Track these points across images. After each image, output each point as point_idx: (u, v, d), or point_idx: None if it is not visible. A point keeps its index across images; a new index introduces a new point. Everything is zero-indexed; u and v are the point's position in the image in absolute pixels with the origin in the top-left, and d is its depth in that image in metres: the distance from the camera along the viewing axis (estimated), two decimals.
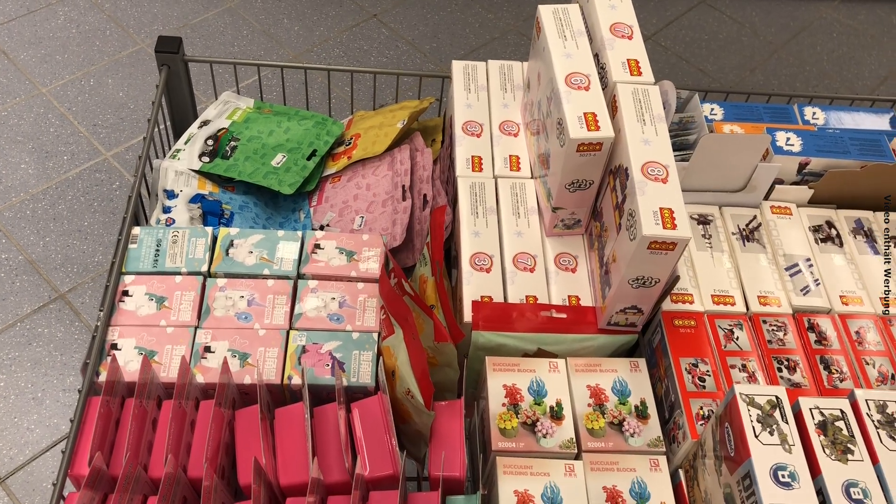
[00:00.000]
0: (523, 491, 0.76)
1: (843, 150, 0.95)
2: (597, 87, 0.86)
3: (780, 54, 2.70)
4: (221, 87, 2.19)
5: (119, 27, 2.47)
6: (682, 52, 2.67)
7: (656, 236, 0.75)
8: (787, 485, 0.64)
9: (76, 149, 2.12)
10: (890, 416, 0.69)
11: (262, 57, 2.44)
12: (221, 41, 2.48)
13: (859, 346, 0.85)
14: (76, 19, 2.46)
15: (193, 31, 2.50)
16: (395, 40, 2.55)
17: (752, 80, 2.62)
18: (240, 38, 2.50)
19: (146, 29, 2.48)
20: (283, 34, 2.53)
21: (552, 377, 0.84)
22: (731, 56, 2.67)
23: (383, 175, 1.04)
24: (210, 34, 2.50)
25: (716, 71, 2.63)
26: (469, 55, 2.48)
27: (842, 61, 2.70)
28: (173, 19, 2.53)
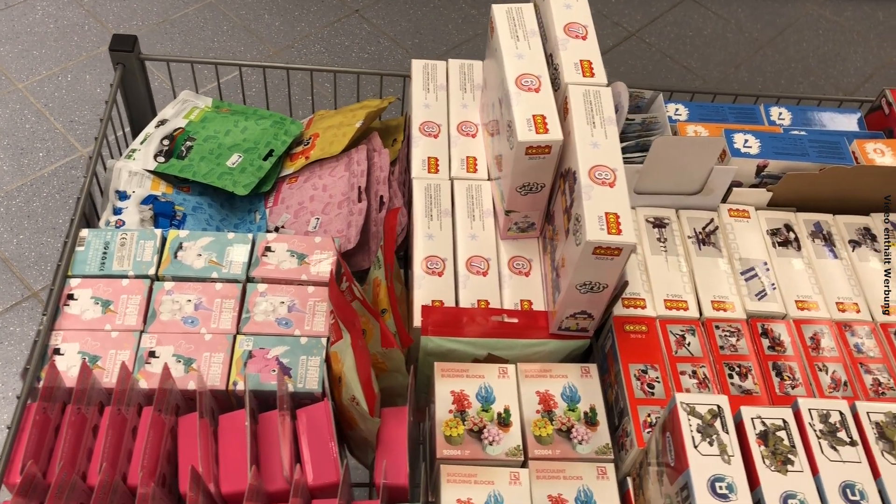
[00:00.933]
0: (466, 500, 0.75)
1: (801, 153, 0.94)
2: (547, 89, 0.84)
3: (766, 51, 2.69)
4: (202, 84, 2.17)
5: (98, 22, 2.46)
6: (667, 49, 2.66)
7: (601, 241, 0.74)
8: (724, 497, 0.63)
9: (52, 145, 2.11)
10: (833, 425, 0.68)
11: (242, 53, 2.42)
12: (201, 37, 2.46)
13: (813, 352, 0.84)
14: (54, 14, 2.44)
15: (173, 27, 2.48)
16: (377, 36, 2.53)
17: (737, 77, 2.60)
18: (220, 34, 2.48)
19: (125, 24, 2.46)
20: (264, 30, 2.51)
21: (501, 383, 0.83)
22: (716, 53, 2.66)
23: (340, 176, 1.03)
24: (190, 29, 2.48)
25: (700, 68, 2.62)
26: (451, 51, 2.46)
27: (827, 58, 2.69)
28: (153, 14, 2.51)
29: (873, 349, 0.85)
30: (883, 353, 0.85)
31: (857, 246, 0.93)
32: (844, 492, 0.64)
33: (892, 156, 0.95)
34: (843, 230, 0.95)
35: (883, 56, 2.72)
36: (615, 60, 2.61)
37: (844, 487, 0.64)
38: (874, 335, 0.86)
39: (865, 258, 0.92)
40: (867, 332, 0.86)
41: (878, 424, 0.68)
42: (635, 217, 0.93)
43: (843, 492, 0.64)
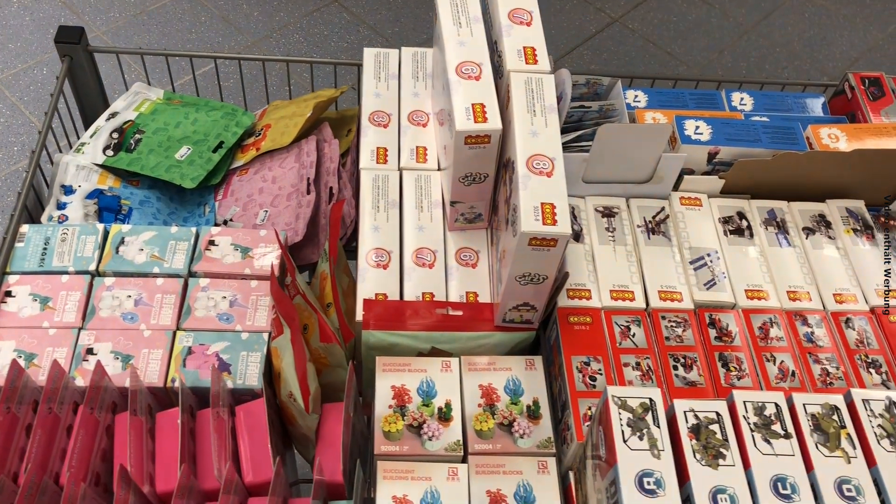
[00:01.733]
0: (402, 496, 0.74)
1: (753, 139, 0.92)
2: (488, 77, 0.83)
3: (750, 36, 2.66)
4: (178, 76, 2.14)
5: (74, 14, 2.44)
6: (650, 35, 2.63)
7: (536, 232, 0.72)
8: (651, 492, 0.62)
9: (27, 139, 2.09)
10: (768, 418, 0.66)
11: (220, 44, 2.40)
12: (179, 28, 2.44)
13: (762, 343, 0.82)
14: (30, 7, 2.42)
15: (150, 18, 2.46)
16: (356, 25, 2.51)
17: (721, 63, 2.58)
18: (197, 25, 2.46)
19: (102, 16, 2.45)
20: (242, 20, 2.49)
21: (444, 377, 0.82)
22: (700, 38, 2.63)
23: (290, 167, 1.01)
24: (167, 21, 2.46)
25: (683, 54, 2.59)
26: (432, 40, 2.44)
27: (813, 42, 2.66)
28: (130, 6, 2.49)
29: (823, 338, 0.83)
30: (833, 343, 0.83)
31: (810, 233, 0.92)
32: (776, 485, 0.63)
33: (846, 141, 0.94)
34: (798, 217, 0.93)
35: (869, 40, 2.69)
36: (598, 47, 2.58)
37: (776, 481, 0.63)
38: (825, 324, 0.84)
39: (819, 246, 0.91)
40: (818, 321, 0.84)
41: (815, 416, 0.67)
42: (584, 206, 0.92)
43: (775, 485, 0.63)
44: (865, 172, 0.93)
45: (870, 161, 0.91)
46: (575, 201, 0.92)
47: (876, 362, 0.82)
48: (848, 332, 0.84)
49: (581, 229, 0.90)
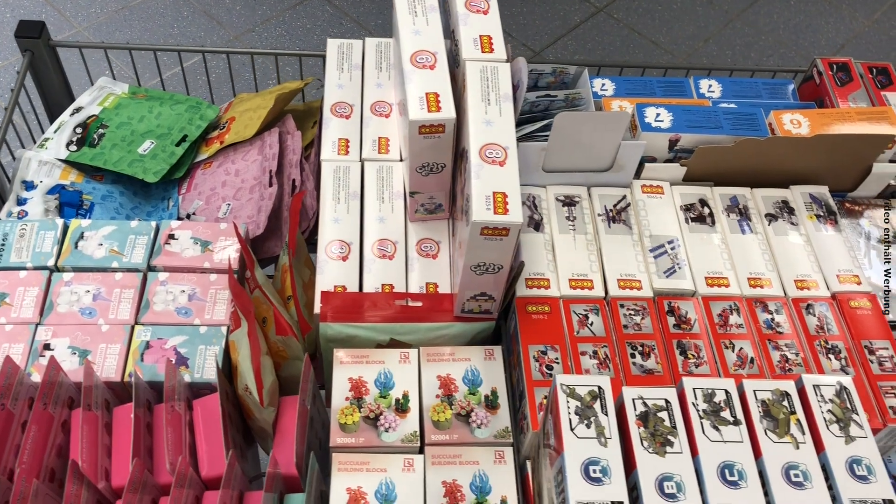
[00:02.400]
0: (356, 488, 0.74)
1: (715, 125, 0.92)
2: (443, 66, 0.82)
3: (736, 24, 2.65)
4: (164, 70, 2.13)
5: (56, 10, 2.43)
6: (635, 24, 2.62)
7: (487, 222, 0.72)
8: (597, 480, 0.62)
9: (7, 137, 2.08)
10: (717, 405, 0.66)
11: (202, 38, 2.39)
12: (161, 23, 2.43)
13: (721, 330, 0.82)
14: (11, 3, 2.41)
15: (133, 14, 2.45)
16: (339, 18, 2.50)
17: (706, 51, 2.57)
18: (180, 20, 2.45)
19: (84, 12, 2.44)
20: (224, 14, 2.48)
21: (402, 368, 0.81)
22: (685, 27, 2.62)
23: (253, 160, 1.01)
24: (150, 16, 2.45)
25: (668, 42, 2.58)
26: None
27: (798, 30, 2.65)
28: (112, 2, 2.48)
29: (783, 325, 0.83)
30: (793, 329, 0.83)
31: (773, 220, 0.91)
32: (723, 472, 0.63)
33: (808, 127, 0.93)
34: (761, 204, 0.93)
35: (855, 26, 2.68)
36: (582, 37, 2.58)
37: (723, 468, 0.63)
38: (785, 311, 0.84)
39: (782, 232, 0.90)
40: (778, 307, 0.84)
41: (765, 403, 0.67)
42: (545, 196, 0.91)
43: (722, 472, 0.63)
44: (829, 158, 0.92)
45: (832, 146, 0.90)
46: (536, 191, 0.91)
47: (835, 348, 0.82)
48: (808, 318, 0.84)
49: (541, 219, 0.89)
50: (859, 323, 0.83)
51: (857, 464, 0.63)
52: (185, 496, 0.72)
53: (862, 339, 0.82)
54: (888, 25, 2.69)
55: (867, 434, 0.65)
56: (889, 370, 0.80)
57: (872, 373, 0.80)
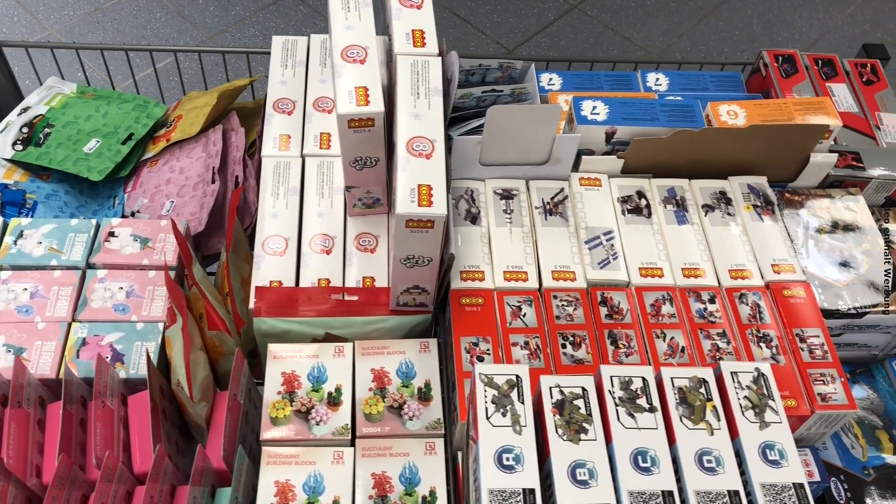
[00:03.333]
0: (285, 481, 0.74)
1: (651, 118, 0.92)
2: (373, 60, 0.82)
3: (710, 19, 2.66)
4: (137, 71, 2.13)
5: (28, 13, 2.42)
6: (609, 21, 2.63)
7: (411, 214, 0.72)
8: (510, 468, 0.62)
9: None
10: (633, 392, 0.67)
11: (175, 39, 2.39)
12: (134, 24, 2.43)
13: (653, 319, 0.83)
14: None
15: (105, 16, 2.45)
16: (313, 18, 2.51)
17: (679, 47, 2.57)
18: (153, 21, 2.45)
19: (56, 14, 2.44)
20: (198, 15, 2.48)
21: (336, 362, 0.82)
22: (658, 23, 2.63)
23: (197, 157, 1.01)
24: (123, 17, 2.45)
25: (642, 38, 2.59)
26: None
27: (772, 24, 2.66)
28: (84, 3, 2.48)
29: (716, 314, 0.83)
30: (725, 319, 0.83)
31: (710, 210, 0.92)
32: (636, 459, 0.63)
33: (745, 118, 0.94)
34: (698, 195, 0.93)
35: (828, 21, 2.69)
36: (556, 34, 2.58)
37: (636, 454, 0.63)
38: (718, 300, 0.85)
39: (718, 222, 0.91)
40: (711, 297, 0.85)
41: (681, 390, 0.67)
42: (484, 189, 0.92)
43: (635, 459, 0.63)
44: (767, 149, 0.93)
45: (768, 137, 0.91)
46: (474, 184, 0.92)
47: (767, 336, 0.82)
48: (741, 307, 0.84)
49: (479, 212, 0.90)
50: (792, 311, 0.84)
51: (770, 449, 0.64)
52: (113, 491, 0.72)
53: (794, 327, 0.83)
54: (861, 19, 2.70)
55: (782, 420, 0.66)
56: (819, 357, 0.81)
57: (803, 360, 0.81)
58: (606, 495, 0.61)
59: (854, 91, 1.10)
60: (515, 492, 0.61)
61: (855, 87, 1.10)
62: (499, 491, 0.61)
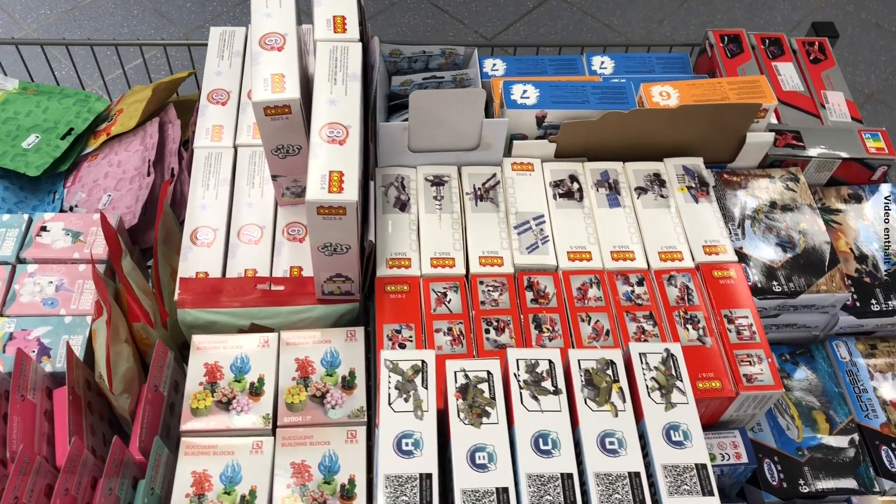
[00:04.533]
0: (202, 471, 0.74)
1: (581, 100, 0.91)
2: (292, 48, 0.82)
3: (690, 4, 2.64)
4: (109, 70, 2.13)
5: (5, 13, 2.43)
6: (588, 8, 2.61)
7: (321, 201, 0.72)
8: (408, 453, 0.62)
9: None
10: (539, 374, 0.66)
11: (152, 36, 2.39)
12: (111, 22, 2.43)
13: (578, 303, 0.82)
14: None
15: (82, 14, 2.45)
16: None
17: (660, 33, 2.55)
18: (129, 19, 2.45)
19: (33, 13, 2.44)
20: (175, 11, 2.48)
21: (261, 352, 0.81)
22: (639, 9, 2.61)
23: (135, 150, 1.01)
24: (100, 16, 2.45)
25: (622, 25, 2.57)
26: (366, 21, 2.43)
27: (754, 7, 2.64)
28: (62, 2, 2.48)
29: (643, 297, 0.83)
30: (653, 300, 0.83)
31: (643, 192, 0.91)
32: (536, 441, 0.62)
33: (677, 98, 0.93)
34: (632, 177, 0.92)
35: (811, 3, 2.66)
36: (535, 22, 2.57)
37: (537, 437, 0.63)
38: (647, 282, 0.84)
39: (650, 205, 0.90)
40: (639, 279, 0.84)
41: (588, 372, 0.66)
42: (415, 176, 0.91)
43: (535, 442, 0.62)
44: (701, 129, 0.92)
45: (701, 117, 0.90)
46: (405, 171, 0.91)
47: (694, 318, 0.81)
48: (670, 289, 0.83)
49: (408, 199, 0.89)
50: (722, 292, 0.83)
51: (674, 430, 0.63)
52: (30, 484, 0.72)
53: (723, 308, 0.82)
54: (845, 0, 2.67)
55: (689, 400, 0.65)
56: (747, 338, 0.80)
57: (730, 341, 0.80)
58: (505, 479, 0.61)
59: (800, 70, 1.09)
60: (412, 477, 0.60)
61: (802, 65, 1.09)
62: (395, 476, 0.60)
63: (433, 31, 2.47)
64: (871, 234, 0.95)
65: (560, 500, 0.59)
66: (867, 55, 2.51)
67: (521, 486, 0.60)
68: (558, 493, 0.60)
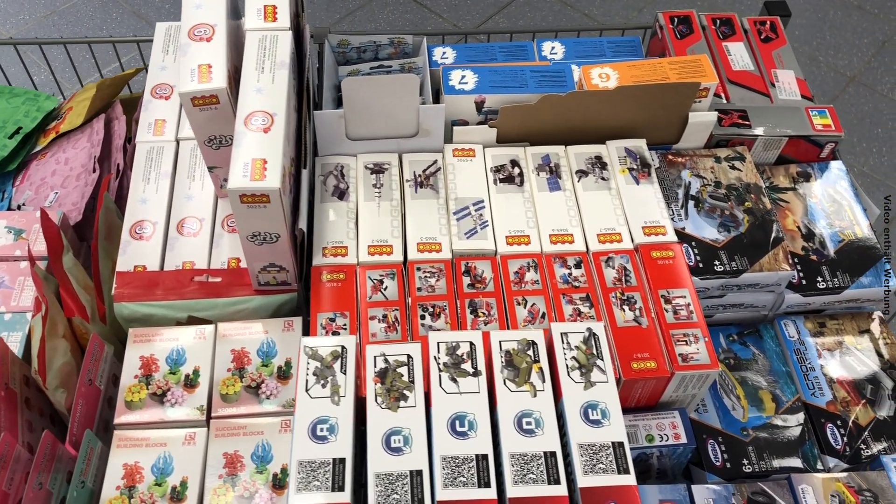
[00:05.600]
0: (133, 463, 0.74)
1: (520, 85, 0.91)
2: (221, 38, 0.81)
3: None
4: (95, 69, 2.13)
5: None
6: None
7: (243, 189, 0.72)
8: (322, 438, 0.61)
9: None
10: (459, 357, 0.66)
11: None
12: (90, 26, 2.44)
13: (515, 287, 0.81)
14: None
15: (61, 18, 2.46)
16: None
17: (640, 20, 2.54)
18: (109, 22, 2.45)
19: (12, 19, 2.45)
20: (153, 13, 2.48)
21: (197, 344, 0.81)
22: None
23: (82, 148, 1.01)
24: (79, 20, 2.45)
25: (602, 14, 2.57)
26: (345, 18, 2.44)
27: None
28: (40, 7, 2.48)
29: (580, 279, 0.82)
30: (590, 282, 0.82)
31: (584, 175, 0.90)
32: (453, 423, 0.62)
33: (617, 80, 0.92)
34: (573, 161, 0.92)
35: None
36: (514, 14, 2.56)
37: (454, 419, 0.62)
38: (584, 265, 0.83)
39: (591, 187, 0.89)
40: (577, 262, 0.83)
41: (508, 353, 0.66)
42: (354, 164, 0.91)
43: (452, 424, 0.62)
44: (642, 111, 0.91)
45: (637, 98, 0.89)
46: (345, 160, 0.91)
47: (631, 299, 0.81)
48: (607, 270, 0.83)
49: (347, 187, 0.89)
50: (660, 273, 0.83)
51: (592, 408, 0.63)
52: None
53: (660, 288, 0.81)
54: None
55: (608, 379, 0.64)
56: (684, 318, 0.79)
57: (666, 321, 0.79)
58: (419, 462, 0.60)
59: (751, 49, 1.08)
60: (325, 462, 0.60)
61: (753, 45, 1.08)
62: (308, 462, 0.60)
63: (412, 25, 2.46)
64: (819, 211, 0.94)
65: (474, 481, 0.59)
66: (849, 38, 2.49)
67: (435, 468, 0.60)
68: (472, 475, 0.59)
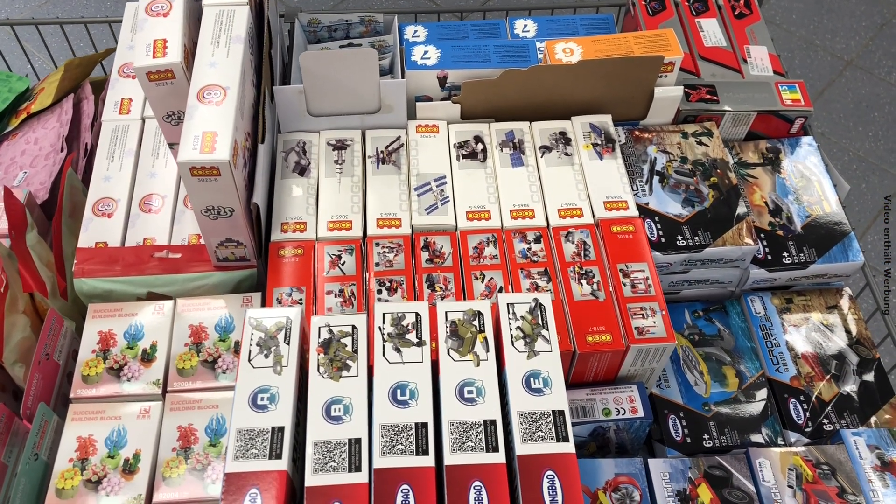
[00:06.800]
0: (87, 436, 0.74)
1: (483, 60, 0.90)
2: (178, 13, 0.81)
3: None
4: None
5: None
6: None
7: (192, 161, 0.72)
8: (263, 407, 0.61)
9: None
10: (404, 327, 0.65)
11: None
12: (85, 13, 2.44)
13: (474, 262, 0.81)
14: None
15: (56, 7, 2.46)
16: None
17: None
18: (103, 9, 2.46)
19: (7, 8, 2.45)
20: None
21: (155, 319, 0.81)
22: None
23: (51, 127, 1.01)
24: (73, 8, 2.46)
25: None
26: (339, 5, 2.43)
27: None
28: None
29: (539, 254, 0.82)
30: (549, 257, 0.82)
31: (547, 151, 0.90)
32: (394, 393, 0.62)
33: (581, 54, 0.91)
34: (537, 137, 0.91)
35: None
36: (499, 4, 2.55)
37: (395, 388, 0.62)
38: (544, 240, 0.83)
39: (554, 163, 0.89)
40: (537, 237, 0.83)
41: (454, 323, 0.66)
42: (317, 141, 0.90)
43: (393, 393, 0.62)
44: (607, 86, 0.91)
45: (599, 73, 0.89)
46: (307, 136, 0.91)
47: (589, 273, 0.80)
48: (567, 245, 0.82)
49: (308, 164, 0.88)
50: (619, 247, 0.82)
51: (534, 377, 0.62)
52: None
53: (619, 262, 0.81)
54: None
55: (552, 349, 0.64)
56: (642, 292, 0.79)
57: (624, 295, 0.79)
58: (359, 430, 0.60)
59: (724, 25, 1.07)
60: (264, 430, 0.60)
61: (726, 20, 1.07)
62: (247, 430, 0.60)
63: (394, 4, 2.46)
64: (787, 187, 0.93)
65: (412, 449, 0.59)
66: (847, 21, 2.47)
67: (374, 436, 0.60)
68: (411, 442, 0.59)
